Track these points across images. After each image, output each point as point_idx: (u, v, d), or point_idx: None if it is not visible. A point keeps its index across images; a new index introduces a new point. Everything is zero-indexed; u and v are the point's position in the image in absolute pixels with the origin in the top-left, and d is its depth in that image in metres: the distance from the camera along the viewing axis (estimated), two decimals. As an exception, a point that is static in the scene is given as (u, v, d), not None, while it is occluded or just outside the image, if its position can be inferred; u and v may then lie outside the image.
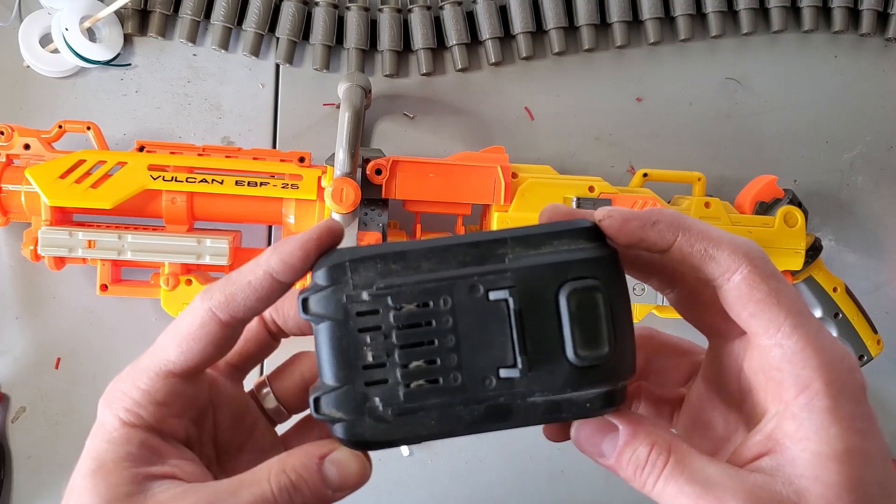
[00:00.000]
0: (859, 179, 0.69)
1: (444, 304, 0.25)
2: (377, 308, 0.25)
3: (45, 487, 0.62)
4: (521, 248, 0.25)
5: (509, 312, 0.25)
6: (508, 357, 0.25)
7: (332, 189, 0.52)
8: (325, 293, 0.25)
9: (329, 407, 0.25)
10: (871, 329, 0.64)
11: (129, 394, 0.27)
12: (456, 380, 0.25)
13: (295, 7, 0.62)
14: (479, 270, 0.25)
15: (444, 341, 0.25)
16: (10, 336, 0.62)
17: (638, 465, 0.26)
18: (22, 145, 0.56)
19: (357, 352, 0.25)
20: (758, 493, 0.24)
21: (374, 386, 0.25)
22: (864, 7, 0.67)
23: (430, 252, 0.25)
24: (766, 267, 0.25)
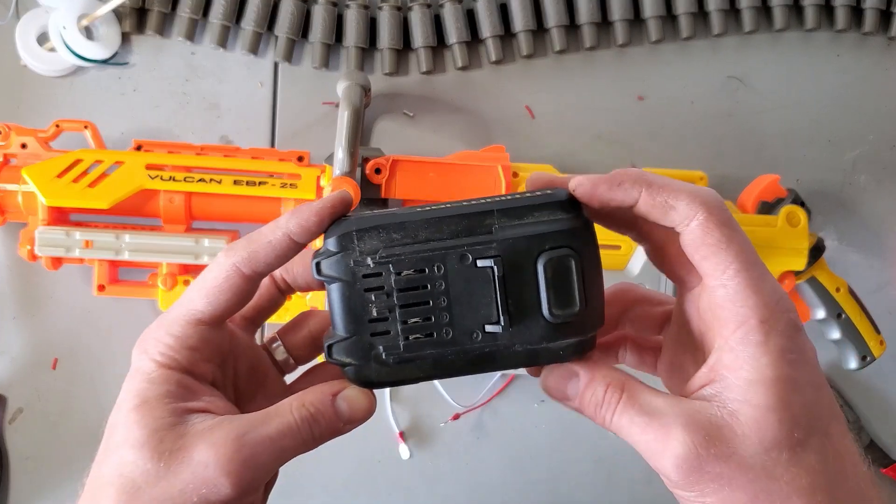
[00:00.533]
0: (862, 178, 0.68)
1: (438, 270, 0.29)
2: (380, 272, 0.29)
3: (43, 488, 0.62)
4: (505, 220, 0.29)
5: (494, 278, 0.29)
6: (493, 315, 0.29)
7: (332, 188, 0.52)
8: (335, 258, 0.29)
9: (340, 353, 0.30)
10: (873, 329, 0.63)
11: (163, 340, 0.30)
12: (447, 334, 0.30)
13: (294, 5, 0.62)
14: (469, 241, 0.29)
15: (438, 302, 0.29)
16: (7, 336, 0.62)
17: (597, 403, 0.30)
18: (19, 144, 0.56)
19: (364, 308, 0.29)
20: (696, 416, 0.28)
21: (379, 336, 0.30)
22: (867, 6, 0.66)
23: (426, 223, 0.29)
24: (721, 215, 0.28)
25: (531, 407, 0.65)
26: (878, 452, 0.67)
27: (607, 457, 0.65)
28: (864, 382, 0.68)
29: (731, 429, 0.27)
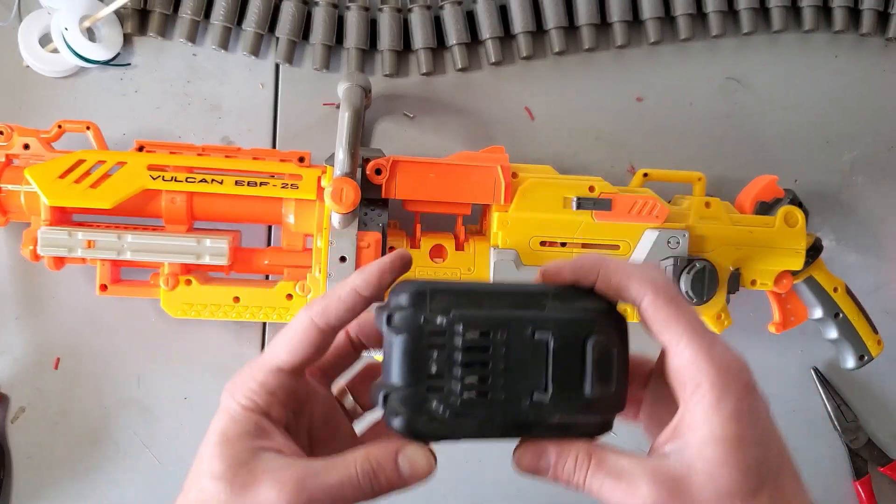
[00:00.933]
0: (860, 179, 0.69)
1: (501, 335, 0.32)
2: (446, 331, 0.31)
3: (44, 487, 0.62)
4: (558, 302, 0.33)
5: (548, 350, 0.32)
6: (542, 384, 0.32)
7: (332, 189, 0.52)
8: (407, 312, 0.32)
9: (396, 402, 0.31)
10: (871, 329, 0.64)
11: (248, 385, 0.33)
12: (500, 396, 0.32)
13: (295, 6, 0.62)
14: (528, 314, 0.32)
15: (496, 365, 0.32)
16: (10, 336, 0.62)
17: (570, 471, 0.33)
18: (21, 145, 0.56)
19: (424, 363, 0.31)
20: (659, 471, 0.31)
21: (434, 392, 0.31)
22: (865, 7, 0.67)
23: (489, 294, 0.33)
24: (667, 293, 0.32)
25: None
26: (876, 451, 0.68)
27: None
28: (861, 382, 0.69)
29: (689, 481, 0.31)
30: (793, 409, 0.68)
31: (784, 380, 0.68)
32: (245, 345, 0.64)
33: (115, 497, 0.63)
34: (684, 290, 0.57)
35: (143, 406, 0.63)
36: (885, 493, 0.69)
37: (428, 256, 0.58)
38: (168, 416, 0.63)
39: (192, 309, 0.57)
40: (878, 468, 0.68)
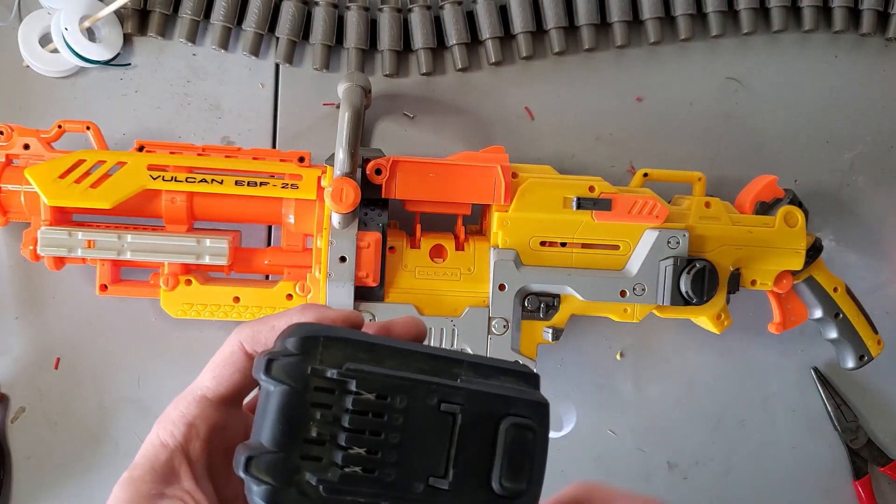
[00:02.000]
0: (860, 179, 0.69)
1: (400, 402, 0.27)
2: (335, 388, 0.26)
3: (44, 487, 0.62)
4: (473, 374, 0.28)
5: (454, 425, 0.27)
6: (440, 468, 0.27)
7: (332, 189, 0.52)
8: (292, 360, 0.26)
9: (259, 469, 0.26)
10: (871, 329, 0.64)
11: (170, 415, 0.30)
12: (389, 476, 0.26)
13: (295, 7, 0.62)
14: (437, 381, 0.27)
15: (390, 437, 0.26)
16: (10, 336, 0.62)
17: None
18: (21, 145, 0.56)
19: (303, 424, 0.26)
20: None
21: (310, 461, 0.26)
22: (865, 7, 0.67)
23: (396, 352, 0.28)
24: None
25: (531, 406, 0.66)
26: (876, 451, 0.68)
27: (606, 454, 0.65)
28: (861, 382, 0.69)
29: None
30: (793, 409, 0.68)
31: (784, 380, 0.68)
32: (245, 345, 0.64)
33: (115, 497, 0.63)
34: (684, 290, 0.57)
35: (143, 406, 0.63)
36: (885, 493, 0.69)
37: (428, 256, 0.58)
38: (168, 416, 0.63)
39: (192, 309, 0.57)
40: (878, 468, 0.68)
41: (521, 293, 0.57)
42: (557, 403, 0.65)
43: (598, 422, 0.65)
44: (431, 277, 0.57)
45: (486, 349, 0.57)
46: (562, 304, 0.58)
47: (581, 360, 0.66)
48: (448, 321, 0.57)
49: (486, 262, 0.58)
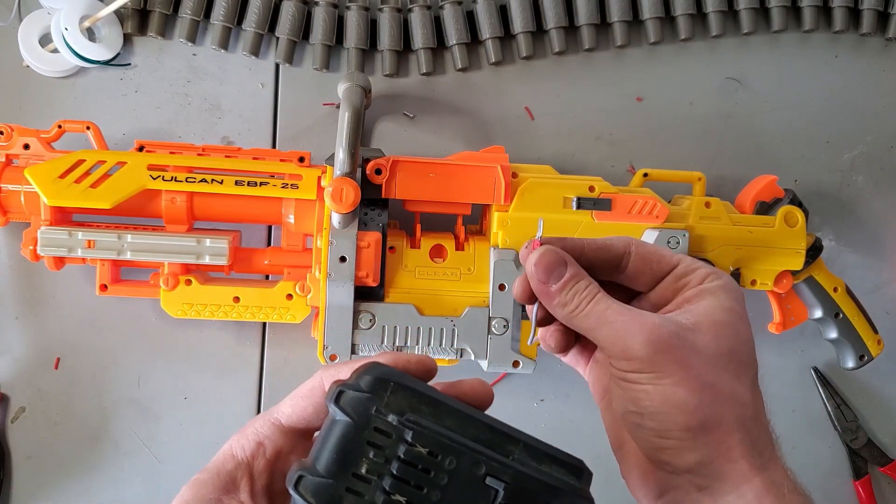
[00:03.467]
0: (860, 179, 0.69)
1: (449, 463, 0.28)
2: (392, 433, 0.28)
3: (44, 487, 0.62)
4: (526, 455, 0.29)
5: (494, 500, 0.28)
6: None
7: (332, 189, 0.52)
8: (361, 396, 0.28)
9: (308, 489, 0.28)
10: (871, 329, 0.64)
11: (246, 430, 0.34)
12: None
13: (295, 7, 0.62)
14: (489, 454, 0.28)
15: (432, 493, 0.28)
16: (10, 336, 0.62)
17: (578, 291, 0.34)
18: (21, 145, 0.56)
19: (356, 458, 0.28)
20: (667, 316, 0.33)
21: (352, 494, 0.27)
22: (865, 7, 0.67)
23: (458, 414, 0.29)
24: (644, 242, 0.36)
25: (531, 406, 0.66)
26: (876, 451, 0.68)
27: (606, 454, 0.65)
28: (861, 382, 0.69)
29: (694, 332, 0.32)
30: (793, 409, 0.68)
31: (784, 380, 0.68)
32: (245, 345, 0.64)
33: (115, 497, 0.63)
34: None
35: (142, 406, 0.63)
36: (885, 493, 0.69)
37: (428, 256, 0.58)
38: (168, 415, 0.63)
39: (192, 309, 0.57)
40: (878, 468, 0.68)
41: (521, 293, 0.57)
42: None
43: (598, 422, 0.65)
44: (431, 277, 0.57)
45: (485, 349, 0.57)
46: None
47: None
48: (448, 321, 0.57)
49: (486, 262, 0.58)
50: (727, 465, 0.31)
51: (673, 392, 0.31)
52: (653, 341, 0.31)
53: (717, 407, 0.31)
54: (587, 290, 0.34)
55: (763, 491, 0.31)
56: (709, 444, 0.31)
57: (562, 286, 0.34)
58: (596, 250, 0.36)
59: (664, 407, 0.31)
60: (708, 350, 0.32)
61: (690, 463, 0.32)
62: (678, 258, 0.35)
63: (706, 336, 0.32)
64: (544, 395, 0.66)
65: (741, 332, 0.33)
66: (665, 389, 0.31)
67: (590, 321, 0.33)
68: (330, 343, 0.56)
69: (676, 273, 0.35)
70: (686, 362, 0.31)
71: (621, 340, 0.32)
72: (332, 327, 0.55)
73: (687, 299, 0.34)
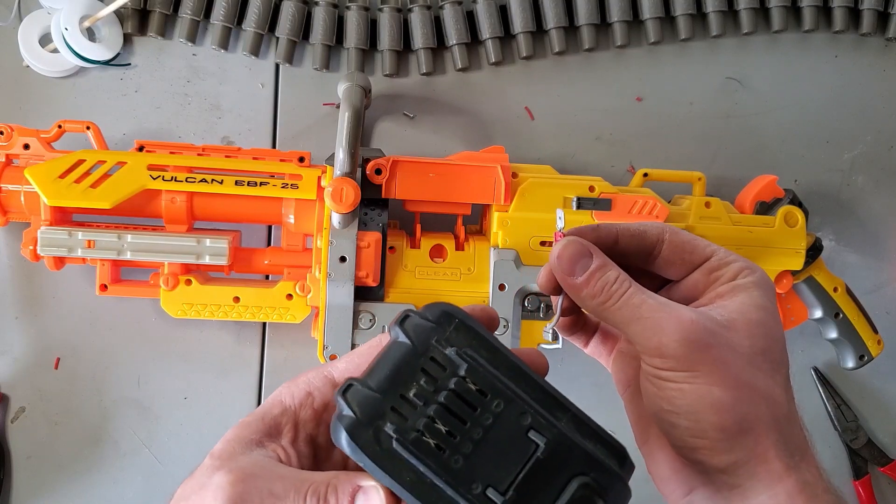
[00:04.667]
0: (860, 179, 0.69)
1: (496, 406, 0.28)
2: (447, 366, 0.28)
3: (44, 487, 0.62)
4: (571, 424, 0.29)
5: (534, 453, 0.28)
6: (503, 484, 0.27)
7: (332, 189, 0.52)
8: (425, 324, 0.29)
9: (355, 398, 0.28)
10: (871, 329, 0.64)
11: (297, 380, 0.34)
12: (457, 462, 0.27)
13: (295, 7, 0.62)
14: (538, 408, 0.28)
15: (474, 431, 0.28)
16: (10, 336, 0.62)
17: (606, 283, 0.33)
18: (21, 145, 0.56)
19: (407, 381, 0.28)
20: (701, 312, 0.32)
21: (396, 414, 0.28)
22: (865, 7, 0.67)
23: (514, 366, 0.29)
24: (678, 230, 0.36)
25: (531, 406, 0.66)
26: (876, 451, 0.68)
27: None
28: (861, 382, 0.69)
29: (728, 329, 0.32)
30: (793, 409, 0.68)
31: (784, 380, 0.68)
32: (245, 345, 0.64)
33: (115, 497, 0.63)
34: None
35: (143, 406, 0.63)
36: (885, 493, 0.69)
37: (428, 256, 0.58)
38: (168, 415, 0.63)
39: (192, 309, 0.57)
40: (878, 468, 0.68)
41: (521, 293, 0.57)
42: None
43: (597, 422, 0.65)
44: (431, 277, 0.57)
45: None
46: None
47: (581, 360, 0.66)
48: (448, 321, 0.57)
49: (486, 262, 0.58)
50: (761, 465, 0.31)
51: (709, 391, 0.31)
52: (689, 339, 0.31)
53: (753, 406, 0.31)
54: (617, 281, 0.33)
55: (796, 491, 0.31)
56: (744, 445, 0.31)
57: (588, 278, 0.33)
58: (630, 237, 0.35)
59: (699, 406, 0.31)
60: (743, 349, 0.32)
61: (725, 463, 0.32)
62: (712, 249, 0.35)
63: (740, 335, 0.32)
64: (544, 395, 0.66)
65: (774, 330, 0.33)
66: (700, 388, 0.31)
67: (622, 315, 0.33)
68: (330, 343, 0.56)
69: (710, 265, 0.35)
70: (722, 361, 0.31)
71: (656, 337, 0.31)
72: (332, 327, 0.55)
73: (720, 294, 0.34)
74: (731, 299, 0.33)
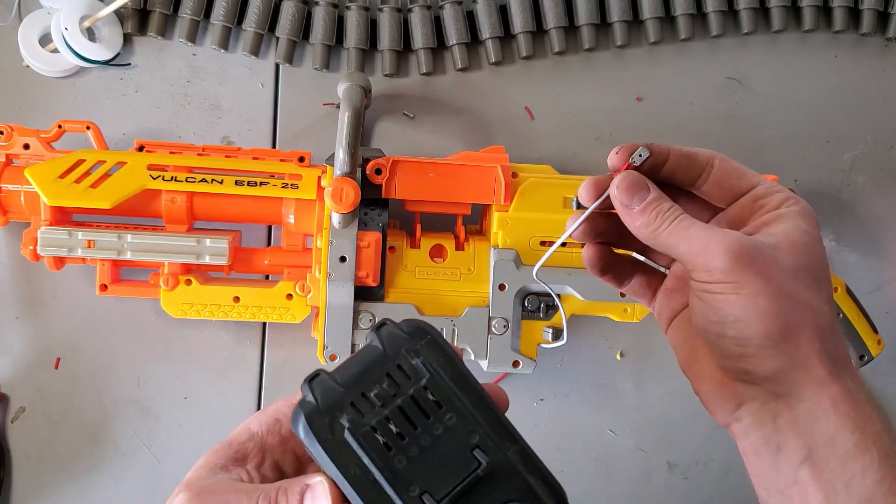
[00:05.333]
0: (860, 179, 0.69)
1: (449, 419, 0.30)
2: (411, 376, 0.30)
3: (44, 487, 0.62)
4: (517, 456, 0.30)
5: (474, 471, 0.29)
6: (440, 493, 0.29)
7: (332, 189, 0.52)
8: (399, 333, 0.31)
9: (319, 387, 0.30)
10: (871, 329, 0.64)
11: (268, 409, 0.35)
12: (400, 463, 0.29)
13: (295, 6, 0.62)
14: (487, 430, 0.30)
15: (423, 438, 0.29)
16: (10, 336, 0.62)
17: (661, 211, 0.35)
18: (21, 145, 0.56)
19: (371, 383, 0.30)
20: (746, 237, 0.34)
21: (353, 409, 0.29)
22: (865, 7, 0.67)
23: (474, 391, 0.30)
24: (727, 158, 0.38)
25: (531, 406, 0.66)
26: (876, 451, 0.68)
27: (606, 454, 0.65)
28: (861, 382, 0.68)
29: (773, 248, 0.34)
30: (793, 409, 0.68)
31: (784, 380, 0.68)
32: (245, 345, 0.64)
33: (115, 497, 0.63)
34: (684, 289, 0.57)
35: (142, 406, 0.63)
36: (885, 493, 0.69)
37: (428, 256, 0.58)
38: (168, 415, 0.63)
39: (192, 309, 0.57)
40: (878, 468, 0.68)
41: (521, 293, 0.57)
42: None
43: (598, 422, 0.65)
44: (431, 277, 0.57)
45: (485, 349, 0.57)
46: (562, 305, 0.58)
47: (581, 360, 0.66)
48: (448, 321, 0.57)
49: (486, 262, 0.58)
50: (805, 372, 0.33)
51: (754, 301, 0.33)
52: (734, 252, 0.33)
53: (797, 314, 0.33)
54: (670, 210, 0.35)
55: (840, 397, 0.33)
56: (788, 351, 0.33)
57: (644, 207, 0.36)
58: (680, 157, 0.38)
59: (745, 314, 0.33)
60: (786, 263, 0.33)
61: (770, 370, 0.33)
62: (758, 179, 0.37)
63: (784, 252, 0.34)
64: (544, 395, 0.66)
65: (818, 252, 0.35)
66: (746, 299, 0.33)
67: (673, 238, 0.35)
68: (330, 343, 0.56)
69: (755, 193, 0.37)
70: (766, 273, 0.33)
71: (703, 254, 0.34)
72: (332, 327, 0.55)
73: (765, 222, 0.36)
74: (777, 226, 0.35)
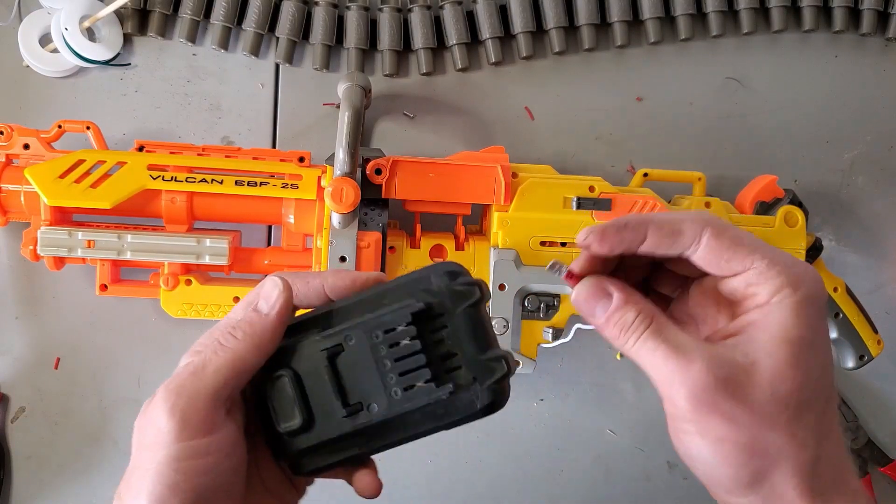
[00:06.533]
0: (860, 179, 0.69)
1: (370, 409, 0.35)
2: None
3: (44, 487, 0.62)
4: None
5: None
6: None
7: (332, 189, 0.52)
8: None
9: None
10: (871, 329, 0.64)
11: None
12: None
13: (295, 6, 0.62)
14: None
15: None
16: (10, 336, 0.62)
17: (624, 326, 0.32)
18: (21, 145, 0.56)
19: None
20: (718, 357, 0.30)
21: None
22: (865, 7, 0.67)
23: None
24: (722, 224, 0.32)
25: (531, 405, 0.66)
26: (876, 451, 0.68)
27: (605, 454, 0.65)
28: (861, 382, 0.69)
29: (749, 376, 0.30)
30: (793, 409, 0.68)
31: (784, 380, 0.68)
32: (245, 345, 0.64)
33: (115, 497, 0.63)
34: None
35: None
36: (885, 493, 0.69)
37: (428, 256, 0.58)
38: (168, 416, 0.63)
39: (192, 309, 0.57)
40: (878, 468, 0.68)
41: (521, 293, 0.57)
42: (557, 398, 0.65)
43: (598, 422, 0.65)
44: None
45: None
46: (562, 304, 0.58)
47: (581, 359, 0.66)
48: (448, 321, 0.57)
49: (486, 262, 0.58)
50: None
51: (720, 446, 0.30)
52: (697, 396, 0.30)
53: (770, 457, 0.30)
54: (635, 322, 0.32)
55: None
56: (761, 493, 0.31)
57: (606, 320, 0.33)
58: (660, 237, 0.33)
59: (713, 458, 0.31)
60: (763, 397, 0.30)
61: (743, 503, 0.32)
62: (753, 259, 0.32)
63: (763, 377, 0.30)
64: (544, 395, 0.66)
65: (808, 367, 0.30)
66: (711, 443, 0.30)
67: (639, 359, 0.32)
68: (330, 343, 0.56)
69: (748, 279, 0.32)
70: (732, 418, 0.30)
71: (668, 387, 0.31)
72: (332, 327, 0.55)
73: (751, 322, 0.31)
74: (762, 331, 0.31)
